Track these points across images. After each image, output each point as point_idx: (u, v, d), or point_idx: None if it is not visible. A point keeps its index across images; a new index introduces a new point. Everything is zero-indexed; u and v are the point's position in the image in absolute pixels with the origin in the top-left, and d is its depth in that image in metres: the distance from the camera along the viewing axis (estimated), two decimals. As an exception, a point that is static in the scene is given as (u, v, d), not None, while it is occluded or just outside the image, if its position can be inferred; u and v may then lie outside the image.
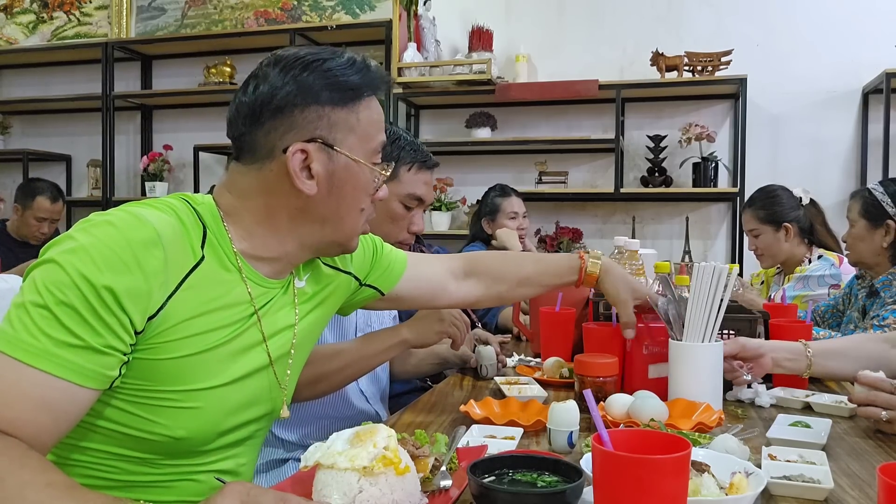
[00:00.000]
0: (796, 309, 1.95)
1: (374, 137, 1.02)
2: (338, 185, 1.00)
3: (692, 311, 1.38)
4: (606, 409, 1.27)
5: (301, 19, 4.34)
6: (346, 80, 0.99)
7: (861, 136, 3.72)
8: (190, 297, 0.91)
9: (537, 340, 1.99)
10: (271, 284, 1.04)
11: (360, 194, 1.02)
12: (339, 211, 1.02)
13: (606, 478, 0.75)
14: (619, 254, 1.87)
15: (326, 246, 1.07)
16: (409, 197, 1.69)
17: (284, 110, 0.97)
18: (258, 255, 1.01)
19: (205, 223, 0.97)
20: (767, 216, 2.71)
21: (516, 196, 3.23)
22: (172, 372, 0.91)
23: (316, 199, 0.99)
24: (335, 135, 0.98)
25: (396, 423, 1.33)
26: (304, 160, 0.97)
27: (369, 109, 1.02)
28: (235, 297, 0.97)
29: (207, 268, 0.94)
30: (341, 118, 0.98)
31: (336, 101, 0.98)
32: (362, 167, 1.01)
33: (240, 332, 0.98)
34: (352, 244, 1.07)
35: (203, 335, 0.93)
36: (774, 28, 3.79)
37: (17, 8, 4.88)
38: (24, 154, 4.52)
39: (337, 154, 0.98)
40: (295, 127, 0.97)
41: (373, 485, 0.83)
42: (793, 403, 1.44)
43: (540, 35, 4.07)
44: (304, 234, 1.03)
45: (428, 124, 4.32)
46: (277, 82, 0.97)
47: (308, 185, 0.97)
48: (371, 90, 1.02)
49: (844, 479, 1.03)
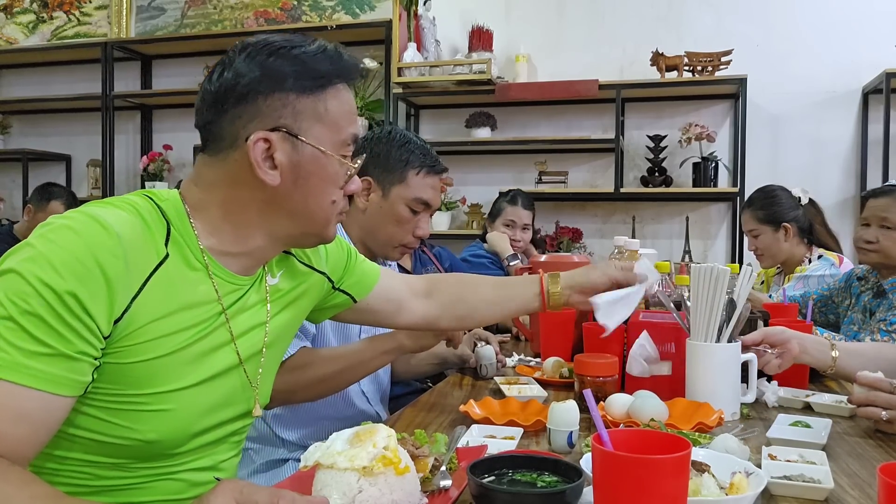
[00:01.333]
0: (796, 309, 1.95)
1: (343, 128, 0.99)
2: (303, 177, 0.96)
3: (694, 312, 1.38)
4: (606, 409, 1.27)
5: (301, 19, 4.34)
6: (314, 67, 0.96)
7: (861, 136, 3.72)
8: (155, 298, 0.89)
9: (537, 340, 1.99)
10: (241, 281, 1.01)
11: (329, 186, 0.99)
12: (308, 204, 0.98)
13: (606, 478, 0.75)
14: (619, 254, 1.87)
15: (299, 238, 1.04)
16: (415, 201, 1.68)
17: (248, 97, 0.94)
18: (226, 250, 0.98)
19: (169, 220, 0.94)
20: (767, 216, 2.71)
21: (525, 207, 3.19)
22: (140, 375, 0.89)
23: (282, 190, 0.96)
24: (301, 124, 0.95)
25: (396, 423, 1.33)
26: (267, 150, 0.94)
27: (338, 99, 0.98)
28: (202, 295, 0.95)
29: (172, 266, 0.91)
30: (308, 107, 0.95)
31: (302, 88, 0.95)
32: (330, 158, 0.97)
33: (207, 332, 0.96)
34: (327, 234, 1.04)
35: (170, 336, 0.91)
36: (774, 28, 3.79)
37: (17, 8, 4.88)
38: (24, 154, 4.52)
39: (302, 144, 0.95)
40: (259, 115, 0.94)
41: (372, 485, 0.83)
42: (793, 403, 1.44)
43: (540, 35, 4.07)
44: (274, 228, 1.00)
45: (428, 124, 4.32)
46: (242, 69, 0.94)
47: (271, 175, 0.94)
48: (341, 79, 0.99)
49: (844, 479, 1.03)
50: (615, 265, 1.39)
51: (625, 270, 1.37)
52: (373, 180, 1.69)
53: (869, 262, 2.15)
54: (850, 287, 2.29)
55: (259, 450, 1.63)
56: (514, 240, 3.13)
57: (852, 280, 2.29)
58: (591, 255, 3.95)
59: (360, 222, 1.70)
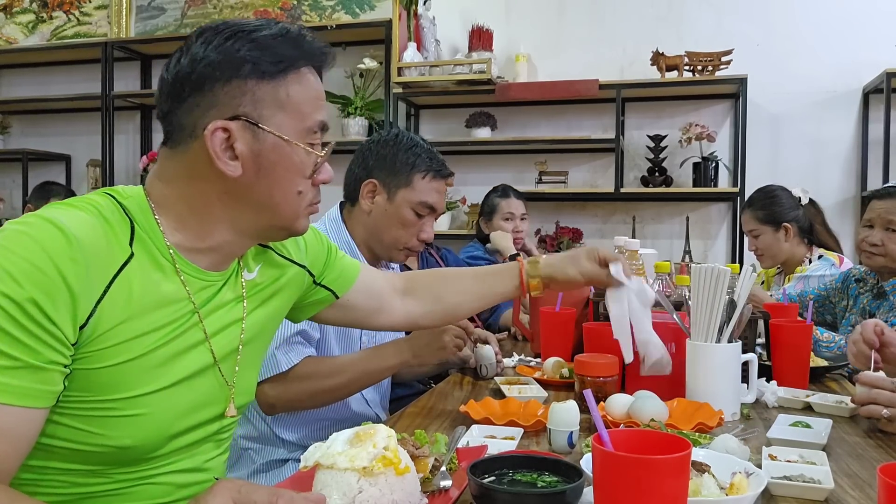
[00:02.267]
0: (797, 309, 1.95)
1: (308, 115, 0.94)
2: (266, 167, 0.92)
3: (694, 312, 1.38)
4: (606, 409, 1.27)
5: (301, 19, 4.34)
6: (274, 51, 0.91)
7: (861, 136, 3.72)
8: (121, 300, 0.85)
9: (537, 340, 1.99)
10: (212, 278, 0.97)
11: (294, 176, 0.95)
12: (273, 195, 0.94)
13: (606, 478, 0.75)
14: (620, 254, 1.87)
15: (268, 231, 1.00)
16: (420, 205, 1.68)
17: (205, 85, 0.90)
18: (193, 246, 0.95)
19: (132, 217, 0.90)
20: (767, 216, 2.71)
21: (517, 198, 3.22)
22: (111, 380, 0.86)
23: (244, 182, 0.92)
24: (261, 111, 0.91)
25: (396, 424, 1.33)
26: (226, 139, 0.90)
27: (302, 84, 0.94)
28: (170, 294, 0.91)
29: (137, 265, 0.88)
30: (268, 93, 0.91)
31: (261, 74, 0.90)
32: (294, 147, 0.93)
33: (179, 333, 0.92)
34: (298, 226, 1.00)
35: (139, 338, 0.87)
36: (774, 28, 3.79)
37: (17, 8, 4.88)
38: (24, 154, 4.51)
39: (263, 132, 0.91)
40: (217, 103, 0.90)
41: (372, 485, 0.83)
42: (793, 403, 1.44)
43: (540, 35, 4.06)
44: (240, 221, 0.96)
45: (428, 124, 4.32)
46: (198, 54, 0.90)
47: (231, 166, 0.91)
48: (304, 62, 0.94)
49: (845, 479, 1.03)
50: (597, 255, 1.37)
51: (597, 271, 1.36)
52: (378, 183, 1.68)
53: (873, 266, 2.12)
54: (847, 288, 2.29)
55: (259, 450, 1.64)
56: (516, 231, 3.13)
57: (850, 281, 2.29)
58: (592, 254, 3.94)
59: (364, 224, 1.70)
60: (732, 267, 1.54)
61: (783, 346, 1.60)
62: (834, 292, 2.34)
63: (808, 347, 1.61)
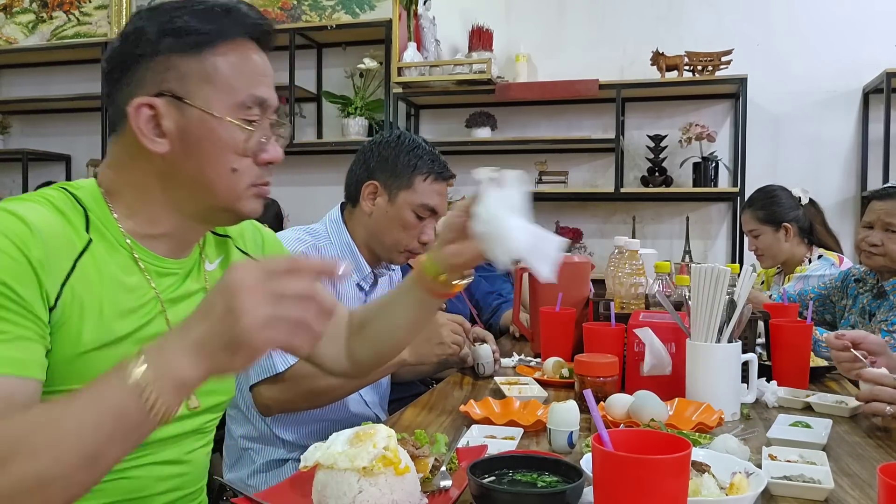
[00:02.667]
0: (797, 309, 1.95)
1: (240, 90, 0.91)
2: (194, 143, 0.90)
3: (694, 312, 1.38)
4: (606, 409, 1.27)
5: (301, 19, 4.34)
6: (196, 25, 0.89)
7: (861, 136, 3.72)
8: (85, 284, 0.85)
9: (537, 340, 1.99)
10: (171, 265, 0.97)
11: (224, 152, 0.91)
12: (205, 172, 0.91)
13: (606, 478, 0.75)
14: (620, 254, 1.87)
15: (211, 214, 0.96)
16: (422, 207, 1.68)
17: (131, 64, 0.89)
18: (146, 232, 0.94)
19: (86, 207, 0.90)
20: (767, 216, 2.71)
21: None
22: (81, 368, 0.85)
23: (174, 160, 0.90)
24: (187, 87, 0.89)
25: (396, 423, 1.33)
26: (153, 116, 0.89)
27: (232, 57, 0.91)
28: (132, 282, 0.91)
29: (97, 251, 0.88)
30: (193, 68, 0.89)
31: (184, 48, 0.88)
32: (221, 122, 0.90)
33: (145, 321, 0.92)
34: (241, 208, 0.95)
35: (106, 325, 0.87)
36: (774, 28, 3.79)
37: (17, 8, 4.87)
38: (24, 154, 4.51)
39: (189, 108, 0.88)
40: (144, 81, 0.89)
41: (372, 485, 0.83)
42: (793, 403, 1.44)
43: (540, 35, 4.06)
44: (180, 203, 0.94)
45: (428, 124, 4.32)
46: (127, 33, 0.90)
47: (158, 143, 0.89)
48: (235, 35, 0.91)
49: (845, 479, 1.03)
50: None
51: (454, 220, 1.06)
52: (379, 184, 1.68)
53: (873, 266, 2.12)
54: (846, 288, 2.29)
55: (259, 450, 1.64)
56: None
57: (849, 281, 2.28)
58: (592, 255, 3.95)
59: (365, 226, 1.70)
60: (732, 267, 1.54)
61: (783, 346, 1.60)
62: (834, 291, 2.34)
63: (808, 347, 1.61)
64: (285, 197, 4.23)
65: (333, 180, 4.36)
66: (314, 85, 4.35)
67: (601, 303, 1.76)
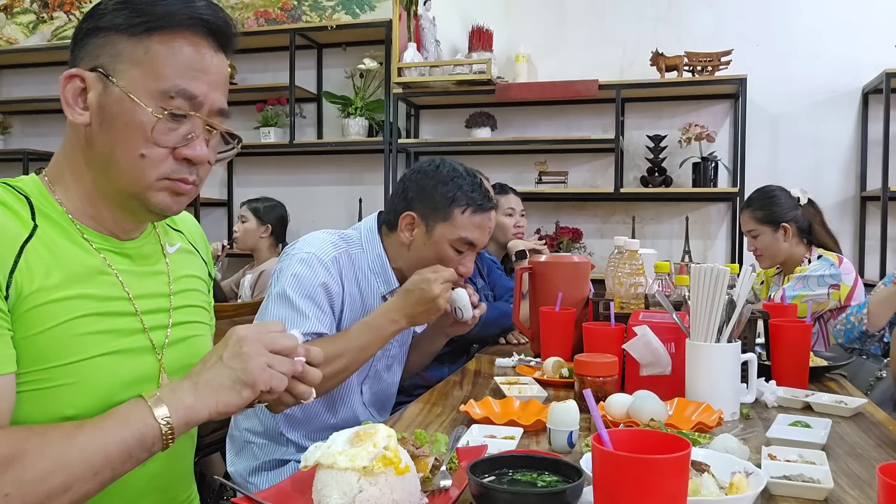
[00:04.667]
0: (796, 309, 1.96)
1: (166, 78, 0.90)
2: (108, 120, 0.91)
3: (694, 312, 1.38)
4: (606, 409, 1.27)
5: (301, 19, 4.34)
6: (144, 8, 0.91)
7: (861, 136, 3.73)
8: (34, 268, 0.86)
9: (537, 340, 2.00)
10: (123, 245, 0.98)
11: (135, 135, 0.90)
12: (114, 151, 0.91)
13: (606, 478, 0.75)
14: (619, 254, 1.87)
15: (123, 199, 0.95)
16: (460, 241, 1.63)
17: (81, 37, 0.94)
18: (87, 212, 0.96)
19: (28, 196, 0.92)
20: (766, 216, 2.71)
21: (514, 194, 3.24)
22: (44, 347, 0.86)
23: (91, 133, 0.92)
24: (116, 65, 0.91)
25: (397, 423, 1.33)
26: (82, 90, 0.92)
27: (169, 47, 0.91)
28: (86, 262, 0.93)
29: (45, 236, 0.89)
30: (127, 49, 0.91)
31: (123, 28, 0.91)
32: (137, 105, 0.89)
33: (104, 299, 0.93)
34: (149, 198, 0.93)
35: (64, 302, 0.88)
36: (774, 28, 3.79)
37: (17, 8, 4.88)
38: (24, 154, 4.51)
39: (112, 85, 0.90)
40: (86, 56, 0.93)
41: (373, 484, 0.83)
42: (793, 403, 1.44)
43: (540, 35, 4.07)
44: (98, 181, 0.95)
45: (428, 124, 4.32)
46: (87, 12, 0.95)
47: (78, 114, 0.92)
48: (181, 24, 0.91)
49: (844, 478, 1.03)
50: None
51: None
52: (416, 216, 1.64)
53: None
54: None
55: (263, 445, 1.64)
56: (517, 226, 3.15)
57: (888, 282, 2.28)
58: (591, 255, 3.95)
59: (402, 255, 1.67)
60: (732, 267, 1.55)
61: (783, 346, 1.60)
62: None
63: (807, 347, 1.62)
64: (285, 197, 4.23)
65: (333, 180, 4.37)
66: (314, 85, 4.35)
67: (601, 303, 1.77)
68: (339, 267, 1.60)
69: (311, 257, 1.57)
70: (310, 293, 1.54)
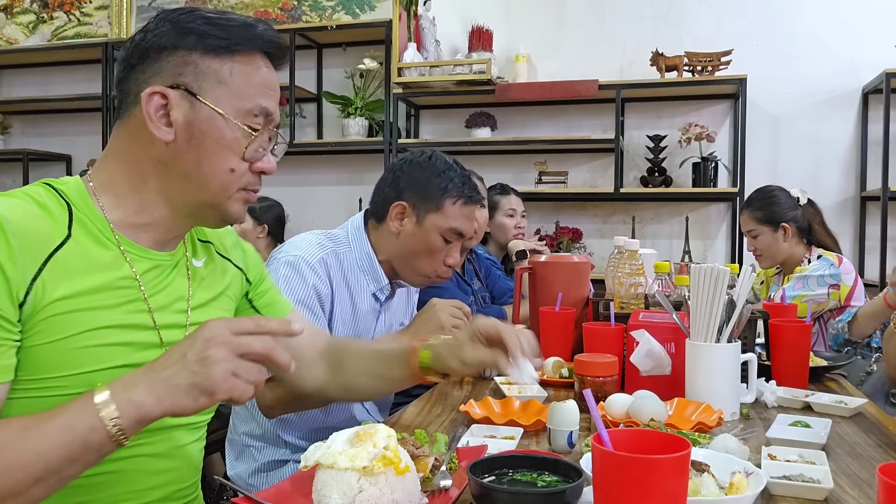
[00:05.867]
0: (796, 309, 1.96)
1: (250, 97, 0.96)
2: (197, 137, 0.94)
3: (694, 312, 1.38)
4: (606, 409, 1.27)
5: (301, 19, 4.34)
6: (223, 29, 0.95)
7: (861, 136, 3.73)
8: (60, 278, 0.87)
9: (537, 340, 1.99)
10: (157, 257, 0.99)
11: (225, 151, 0.95)
12: (202, 166, 0.95)
13: (606, 478, 0.75)
14: (619, 254, 1.87)
15: (199, 209, 0.99)
16: (449, 231, 1.65)
17: (152, 53, 0.94)
18: (133, 221, 0.97)
19: (70, 202, 0.93)
20: (765, 217, 2.71)
21: (515, 195, 3.24)
22: (59, 356, 0.87)
23: (175, 149, 0.94)
24: (202, 84, 0.94)
25: (396, 423, 1.33)
26: (164, 106, 0.93)
27: (248, 67, 0.96)
28: (117, 273, 0.93)
29: (76, 246, 0.90)
30: (211, 68, 0.94)
31: (206, 48, 0.94)
32: (229, 123, 0.95)
33: (125, 311, 0.94)
34: (227, 208, 0.99)
35: (85, 313, 0.89)
36: (774, 28, 3.79)
37: (17, 8, 4.88)
38: (25, 154, 4.51)
39: (200, 104, 0.93)
40: (161, 71, 0.94)
41: (373, 484, 0.83)
42: (792, 403, 1.44)
43: (540, 35, 4.07)
44: (172, 193, 0.97)
45: (428, 124, 4.32)
46: (151, 26, 0.96)
47: (164, 131, 0.93)
48: (254, 48, 0.97)
49: (844, 478, 1.03)
50: (477, 333, 1.19)
51: (480, 357, 1.17)
52: (408, 205, 1.65)
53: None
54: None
55: (261, 448, 1.64)
56: (518, 227, 3.15)
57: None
58: (592, 255, 3.95)
59: (390, 245, 1.68)
60: (732, 267, 1.55)
61: (783, 346, 1.60)
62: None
63: (807, 347, 1.62)
64: (285, 197, 4.23)
65: (333, 180, 4.37)
66: (314, 85, 4.35)
67: (601, 303, 1.77)
68: (326, 267, 1.60)
69: (298, 260, 1.56)
70: (301, 298, 1.54)
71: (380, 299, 1.71)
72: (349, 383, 1.30)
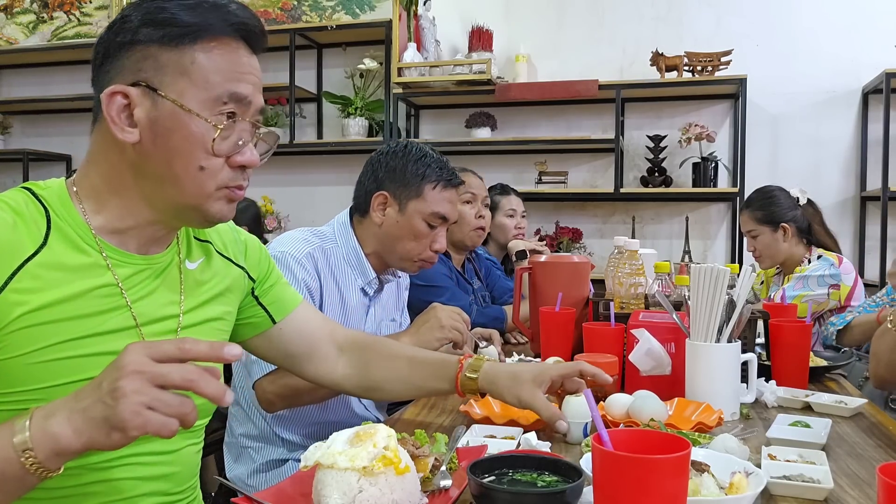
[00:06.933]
0: (796, 309, 1.96)
1: (216, 85, 0.89)
2: (163, 135, 0.88)
3: (694, 312, 1.38)
4: (606, 409, 1.27)
5: (301, 19, 4.34)
6: (181, 17, 0.88)
7: (861, 136, 3.73)
8: (30, 288, 0.83)
9: (537, 340, 1.99)
10: (139, 261, 0.94)
11: (194, 148, 0.89)
12: (172, 166, 0.89)
13: (606, 478, 0.75)
14: (619, 254, 1.87)
15: (181, 211, 0.94)
16: (432, 215, 1.67)
17: (112, 51, 0.89)
18: (116, 227, 0.93)
19: (49, 207, 0.89)
20: (765, 217, 2.71)
21: (515, 195, 3.24)
22: (35, 369, 0.84)
23: (142, 151, 0.89)
24: (163, 78, 0.88)
25: (396, 423, 1.33)
26: (126, 105, 0.88)
27: (214, 53, 0.89)
28: (96, 280, 0.89)
29: (51, 254, 0.86)
30: (171, 60, 0.88)
31: (164, 39, 0.87)
32: (193, 118, 0.88)
33: (106, 319, 0.89)
34: (208, 209, 0.93)
35: (61, 323, 0.85)
36: (774, 28, 3.79)
37: (17, 8, 4.88)
38: (25, 154, 4.51)
39: (162, 99, 0.87)
40: (123, 69, 0.88)
41: (373, 484, 0.83)
42: (792, 403, 1.44)
43: (540, 35, 4.07)
44: (151, 195, 0.92)
45: (428, 124, 4.32)
46: (115, 22, 0.90)
47: (128, 133, 0.88)
48: (220, 31, 0.90)
49: (844, 478, 1.03)
50: (549, 378, 1.19)
51: (537, 404, 1.16)
52: (389, 195, 1.67)
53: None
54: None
55: (259, 448, 1.64)
56: (518, 227, 3.15)
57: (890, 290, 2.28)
58: (592, 255, 3.95)
59: (376, 236, 1.69)
60: (732, 267, 1.55)
61: (783, 346, 1.60)
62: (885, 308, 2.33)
63: (807, 347, 1.62)
64: (285, 197, 4.23)
65: (333, 180, 4.37)
66: (314, 85, 4.35)
67: (601, 303, 1.76)
68: (313, 262, 1.60)
69: (285, 256, 1.57)
70: None
71: (368, 293, 1.71)
72: (375, 384, 1.27)
